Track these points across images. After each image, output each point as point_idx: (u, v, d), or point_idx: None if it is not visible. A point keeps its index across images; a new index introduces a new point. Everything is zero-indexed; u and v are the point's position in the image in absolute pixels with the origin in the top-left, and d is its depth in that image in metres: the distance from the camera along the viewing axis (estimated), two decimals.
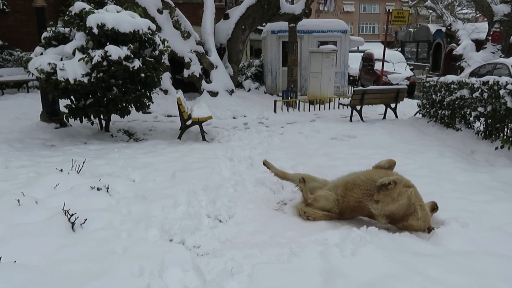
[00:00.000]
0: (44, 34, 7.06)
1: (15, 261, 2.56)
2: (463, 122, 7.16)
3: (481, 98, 6.20)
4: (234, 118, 10.36)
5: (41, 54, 6.91)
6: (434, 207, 3.51)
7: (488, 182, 4.70)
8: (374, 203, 3.35)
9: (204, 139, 7.58)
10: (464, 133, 6.91)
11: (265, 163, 4.43)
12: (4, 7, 14.24)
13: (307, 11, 13.24)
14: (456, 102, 7.06)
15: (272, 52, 14.99)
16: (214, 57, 12.29)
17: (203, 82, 11.98)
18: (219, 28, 13.24)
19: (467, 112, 6.77)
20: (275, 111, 11.06)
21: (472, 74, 13.15)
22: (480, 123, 6.53)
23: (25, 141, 6.92)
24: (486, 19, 17.59)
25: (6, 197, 3.44)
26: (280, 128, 8.70)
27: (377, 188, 3.28)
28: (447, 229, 3.34)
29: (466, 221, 3.38)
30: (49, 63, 6.46)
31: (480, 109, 6.17)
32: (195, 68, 11.97)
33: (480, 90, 6.26)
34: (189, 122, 7.55)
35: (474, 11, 26.11)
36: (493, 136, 6.11)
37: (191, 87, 12.75)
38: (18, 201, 3.34)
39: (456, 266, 2.71)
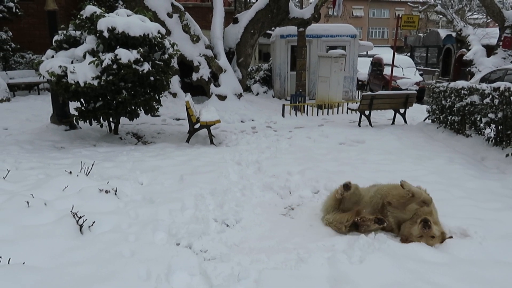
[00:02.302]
0: (56, 37, 7.15)
1: (23, 263, 2.58)
2: (473, 128, 7.09)
3: (491, 104, 6.13)
4: (242, 122, 10.37)
5: (52, 57, 7.00)
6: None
7: (499, 189, 4.63)
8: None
9: (212, 142, 7.60)
10: (474, 139, 6.84)
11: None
12: (17, 10, 14.48)
13: (316, 16, 13.26)
14: (466, 108, 6.99)
15: (280, 56, 15.00)
16: (223, 61, 12.34)
17: (212, 85, 12.03)
18: (228, 32, 13.30)
19: (477, 118, 6.70)
20: (283, 115, 11.05)
21: (483, 80, 13.06)
22: (491, 130, 6.46)
23: (35, 142, 7.00)
24: (497, 24, 17.46)
25: (15, 198, 3.48)
26: (288, 132, 8.67)
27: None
28: (456, 237, 3.31)
29: (475, 229, 3.34)
30: (60, 66, 6.54)
31: (491, 115, 6.10)
32: (204, 72, 12.03)
33: (490, 96, 6.19)
34: (197, 126, 7.57)
35: (485, 16, 25.93)
36: (504, 142, 6.04)
37: (199, 90, 12.81)
38: (28, 202, 3.37)
39: (465, 274, 2.67)
